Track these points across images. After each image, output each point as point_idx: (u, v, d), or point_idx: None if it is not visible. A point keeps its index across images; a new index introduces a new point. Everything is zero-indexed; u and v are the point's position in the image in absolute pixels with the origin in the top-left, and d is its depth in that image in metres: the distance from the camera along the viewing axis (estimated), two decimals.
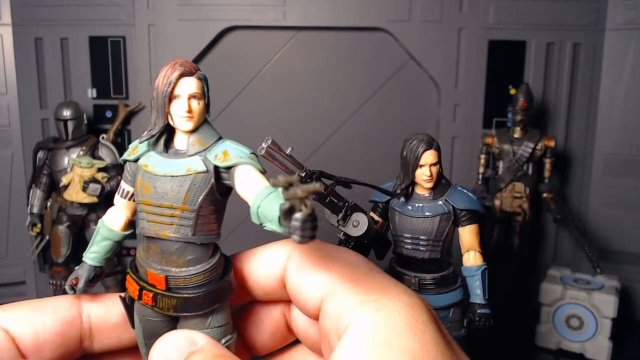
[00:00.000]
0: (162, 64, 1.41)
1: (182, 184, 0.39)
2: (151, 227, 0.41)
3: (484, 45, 1.41)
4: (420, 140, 0.75)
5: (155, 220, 0.41)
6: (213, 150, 0.42)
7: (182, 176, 0.40)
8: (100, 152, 1.37)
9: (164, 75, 0.40)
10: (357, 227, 0.54)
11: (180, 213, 0.40)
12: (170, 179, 0.40)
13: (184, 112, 0.40)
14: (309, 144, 1.48)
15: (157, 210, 0.40)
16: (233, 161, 0.41)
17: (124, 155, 0.44)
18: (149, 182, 0.40)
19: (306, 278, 0.39)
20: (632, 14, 1.39)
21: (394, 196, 0.74)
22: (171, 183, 0.40)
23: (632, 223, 1.45)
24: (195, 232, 0.40)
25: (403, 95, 1.47)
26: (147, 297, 0.40)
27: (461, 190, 0.72)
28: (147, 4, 1.39)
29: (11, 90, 1.44)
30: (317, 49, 1.46)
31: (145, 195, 0.41)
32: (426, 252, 0.73)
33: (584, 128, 1.48)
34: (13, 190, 1.47)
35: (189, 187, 0.40)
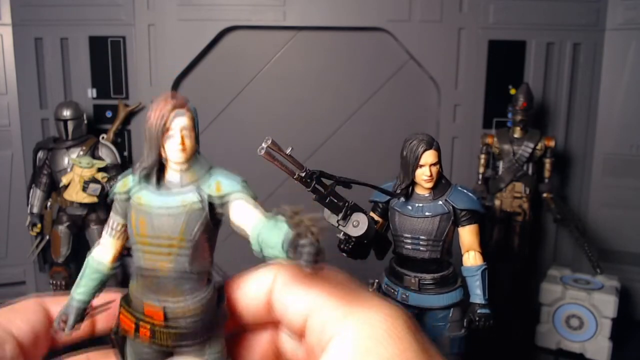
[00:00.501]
0: (162, 64, 1.42)
1: (178, 217, 0.40)
2: (148, 261, 0.41)
3: (484, 45, 1.41)
4: (420, 140, 0.75)
5: (152, 252, 0.40)
6: (206, 181, 0.42)
7: (178, 208, 0.40)
8: (100, 152, 1.37)
9: (156, 109, 0.40)
10: (357, 227, 0.54)
11: (177, 244, 0.40)
12: (165, 215, 0.40)
13: (177, 145, 0.40)
14: (309, 144, 1.48)
15: (154, 242, 0.40)
16: (226, 191, 0.41)
17: (113, 189, 0.43)
18: (143, 216, 0.40)
19: (291, 296, 0.39)
20: (632, 14, 1.39)
21: (393, 196, 0.74)
22: (167, 216, 0.40)
23: (632, 223, 1.45)
24: (192, 263, 0.40)
25: (403, 95, 1.47)
26: (145, 331, 0.40)
27: (461, 190, 0.72)
28: (147, 4, 1.39)
29: (11, 90, 1.44)
30: (317, 49, 1.46)
31: (140, 230, 0.40)
32: (426, 252, 0.73)
33: (584, 128, 1.48)
34: (13, 190, 1.47)
35: (185, 220, 0.40)
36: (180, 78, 1.45)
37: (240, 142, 1.49)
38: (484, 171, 1.40)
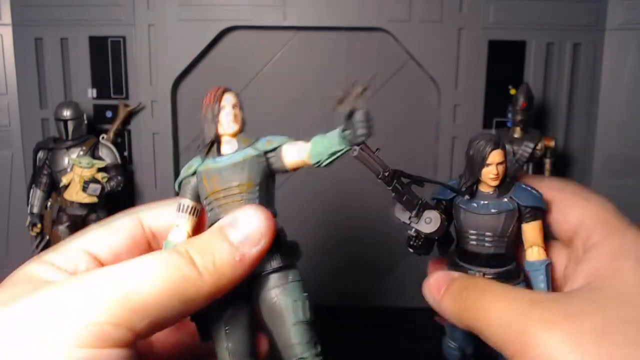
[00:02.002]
0: (162, 64, 1.42)
1: (243, 167, 0.47)
2: (223, 210, 0.46)
3: (484, 45, 1.41)
4: (487, 140, 0.78)
5: (226, 202, 0.46)
6: (257, 143, 0.50)
7: (242, 161, 0.47)
8: (100, 152, 1.38)
9: (209, 94, 0.52)
10: (430, 224, 0.55)
11: (246, 189, 0.46)
12: (232, 166, 0.47)
13: (231, 117, 0.50)
14: None
15: (226, 193, 0.46)
16: (278, 143, 0.50)
17: (181, 175, 0.50)
18: (214, 175, 0.47)
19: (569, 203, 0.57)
20: (632, 14, 1.39)
21: (459, 193, 0.74)
22: (234, 168, 0.47)
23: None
24: (263, 201, 0.47)
25: (403, 95, 1.47)
26: None
27: (525, 188, 0.72)
28: (147, 4, 1.39)
29: (11, 90, 1.44)
30: (317, 49, 1.46)
31: (213, 186, 0.47)
32: (491, 247, 0.72)
33: (584, 128, 1.48)
34: (13, 190, 1.47)
35: (249, 168, 0.47)
36: (180, 78, 1.45)
37: None
38: None
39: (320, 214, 1.46)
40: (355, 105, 0.44)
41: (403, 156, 1.50)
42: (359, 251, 1.46)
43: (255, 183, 0.47)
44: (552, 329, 0.40)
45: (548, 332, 0.40)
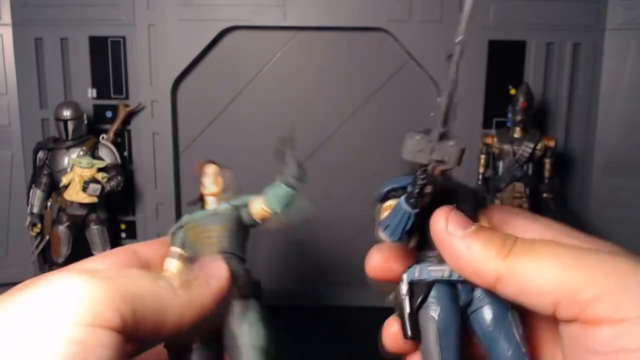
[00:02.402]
0: (162, 64, 1.42)
1: (218, 216, 0.57)
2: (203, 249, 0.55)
3: (484, 45, 1.41)
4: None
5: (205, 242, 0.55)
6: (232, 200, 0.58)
7: (215, 213, 0.57)
8: (100, 152, 1.38)
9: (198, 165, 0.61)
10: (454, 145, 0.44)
11: (218, 233, 0.55)
12: (210, 217, 0.57)
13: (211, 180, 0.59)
14: (309, 144, 1.49)
15: (204, 234, 0.55)
16: (245, 198, 0.58)
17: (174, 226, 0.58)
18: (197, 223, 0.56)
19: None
20: (632, 14, 1.39)
21: None
22: (212, 217, 0.57)
23: (632, 223, 1.45)
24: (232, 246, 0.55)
25: (403, 95, 1.47)
26: None
27: None
28: (147, 4, 1.39)
29: (11, 90, 1.44)
30: (317, 49, 1.46)
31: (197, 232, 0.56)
32: None
33: (584, 128, 1.48)
34: (13, 190, 1.47)
35: (221, 218, 0.56)
36: (180, 78, 1.45)
37: (240, 142, 1.49)
38: (484, 171, 1.40)
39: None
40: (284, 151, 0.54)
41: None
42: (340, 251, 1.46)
43: (226, 229, 0.56)
44: None
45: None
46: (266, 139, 1.47)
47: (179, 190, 1.51)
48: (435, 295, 0.46)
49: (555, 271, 0.38)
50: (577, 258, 0.38)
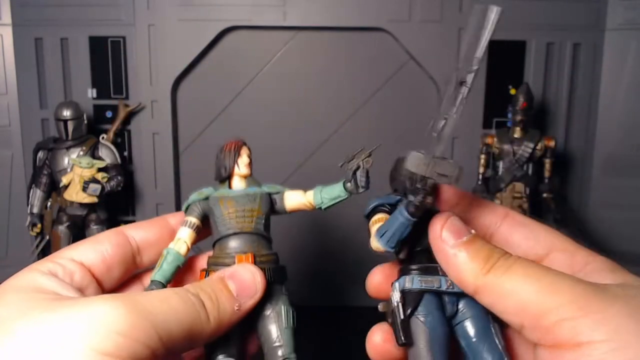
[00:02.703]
0: (162, 64, 1.41)
1: (255, 198, 0.59)
2: (236, 225, 0.57)
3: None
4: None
5: (238, 220, 0.57)
6: (263, 186, 0.61)
7: (253, 194, 0.59)
8: (100, 152, 1.38)
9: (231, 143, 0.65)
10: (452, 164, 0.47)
11: (256, 215, 0.57)
12: (246, 196, 0.59)
13: (246, 163, 0.62)
14: (309, 144, 1.49)
15: (238, 214, 0.57)
16: (280, 189, 0.61)
17: (191, 198, 0.59)
18: (230, 200, 0.58)
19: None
20: (632, 14, 1.39)
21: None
22: (247, 198, 0.59)
23: (632, 223, 1.45)
24: (264, 227, 0.58)
25: (403, 95, 1.47)
26: None
27: None
28: (147, 4, 1.39)
29: (11, 90, 1.44)
30: (317, 49, 1.46)
31: (229, 207, 0.57)
32: None
33: (584, 128, 1.48)
34: (13, 190, 1.47)
35: (260, 200, 0.58)
36: (180, 78, 1.45)
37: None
38: (484, 171, 1.40)
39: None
40: (360, 164, 0.56)
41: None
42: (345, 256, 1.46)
43: (263, 212, 0.58)
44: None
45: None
46: (266, 139, 1.48)
47: (179, 190, 1.51)
48: (425, 304, 0.48)
49: (524, 294, 0.40)
50: (548, 283, 0.40)
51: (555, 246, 0.49)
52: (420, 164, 0.46)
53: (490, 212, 0.53)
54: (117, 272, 0.54)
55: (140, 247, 0.57)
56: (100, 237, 0.56)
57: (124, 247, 0.55)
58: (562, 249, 0.49)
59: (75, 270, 0.51)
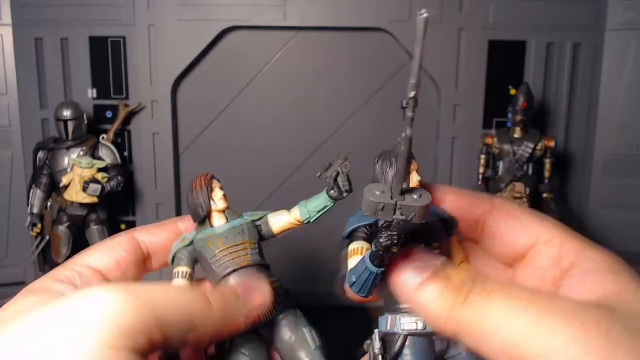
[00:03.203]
0: (162, 64, 1.41)
1: (243, 230, 0.57)
2: (233, 262, 0.55)
3: (484, 45, 1.41)
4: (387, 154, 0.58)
5: (233, 256, 0.55)
6: (244, 215, 0.59)
7: (239, 226, 0.57)
8: (100, 152, 1.38)
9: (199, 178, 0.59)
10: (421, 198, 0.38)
11: (249, 246, 0.56)
12: (232, 230, 0.57)
13: (220, 196, 0.58)
14: (308, 144, 1.49)
15: (233, 249, 0.55)
16: (261, 215, 0.59)
17: (174, 248, 0.57)
18: (218, 237, 0.56)
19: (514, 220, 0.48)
20: (632, 14, 1.39)
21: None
22: (234, 231, 0.57)
23: (632, 223, 1.45)
24: (261, 257, 0.57)
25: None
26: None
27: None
28: (147, 4, 1.39)
29: (11, 90, 1.44)
30: (317, 49, 1.46)
31: (220, 246, 0.56)
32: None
33: (584, 128, 1.48)
34: (13, 190, 1.47)
35: (248, 231, 0.57)
36: (180, 78, 1.45)
37: (240, 142, 1.49)
38: (484, 171, 1.40)
39: None
40: (339, 170, 0.56)
41: None
42: None
43: (255, 241, 0.57)
44: None
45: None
46: (266, 139, 1.48)
47: (179, 190, 1.51)
48: (410, 346, 0.45)
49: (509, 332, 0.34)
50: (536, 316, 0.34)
51: (542, 236, 0.45)
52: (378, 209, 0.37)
53: (478, 203, 0.50)
54: (130, 277, 0.55)
55: (150, 251, 0.57)
56: (113, 243, 0.56)
57: (136, 253, 0.56)
58: (548, 239, 0.45)
59: (92, 278, 0.51)
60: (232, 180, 0.64)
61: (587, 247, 0.43)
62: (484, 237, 0.50)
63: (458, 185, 1.49)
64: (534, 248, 0.46)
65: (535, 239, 0.46)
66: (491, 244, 0.50)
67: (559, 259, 0.43)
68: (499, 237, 0.48)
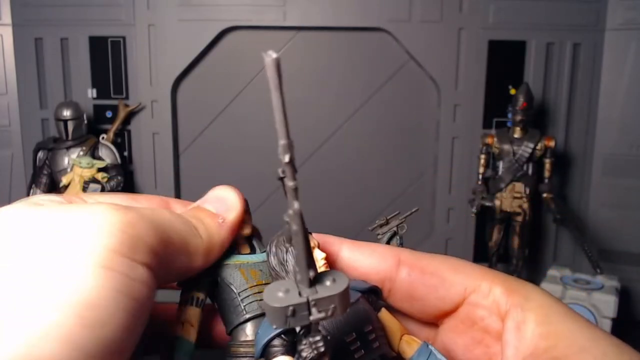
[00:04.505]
0: (162, 64, 1.41)
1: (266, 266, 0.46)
2: (259, 305, 0.44)
3: (484, 45, 1.41)
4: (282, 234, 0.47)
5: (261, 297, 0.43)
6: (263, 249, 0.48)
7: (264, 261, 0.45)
8: (100, 152, 1.38)
9: None
10: (336, 283, 0.30)
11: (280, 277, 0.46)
12: (263, 262, 0.45)
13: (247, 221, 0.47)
14: (308, 144, 1.49)
15: (263, 287, 0.44)
16: None
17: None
18: (252, 268, 0.46)
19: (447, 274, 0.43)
20: (632, 14, 1.39)
21: None
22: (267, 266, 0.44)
23: (632, 223, 1.45)
24: None
25: (403, 96, 1.47)
26: None
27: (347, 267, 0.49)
28: (147, 4, 1.40)
29: (11, 90, 1.44)
30: (317, 49, 1.46)
31: (253, 279, 0.45)
32: (380, 345, 0.42)
33: (584, 128, 1.48)
34: (13, 190, 1.47)
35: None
36: (180, 78, 1.45)
37: (240, 142, 1.49)
38: (484, 171, 1.40)
39: None
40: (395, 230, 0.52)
41: (403, 156, 1.50)
42: None
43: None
44: None
45: None
46: (266, 139, 1.48)
47: (179, 190, 1.51)
48: None
49: None
50: None
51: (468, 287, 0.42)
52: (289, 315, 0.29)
53: (382, 259, 0.44)
54: None
55: None
56: (140, 196, 0.49)
57: None
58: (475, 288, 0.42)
59: None
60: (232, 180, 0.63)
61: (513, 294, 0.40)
62: (395, 299, 0.44)
63: (458, 185, 1.49)
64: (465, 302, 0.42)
65: (462, 292, 0.42)
66: (409, 307, 0.45)
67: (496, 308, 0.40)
68: (419, 299, 0.43)
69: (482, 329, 0.42)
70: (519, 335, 0.39)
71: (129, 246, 0.34)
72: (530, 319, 0.38)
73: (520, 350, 0.38)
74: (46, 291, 0.31)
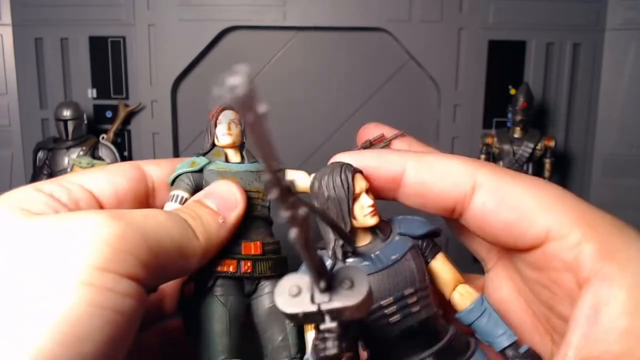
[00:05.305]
0: (162, 64, 1.42)
1: (259, 176, 0.52)
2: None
3: (484, 45, 1.41)
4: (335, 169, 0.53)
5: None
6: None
7: (257, 172, 0.52)
8: (100, 152, 1.38)
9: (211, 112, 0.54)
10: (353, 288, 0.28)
11: (262, 196, 0.52)
12: (249, 173, 0.51)
13: (224, 131, 0.52)
14: (308, 144, 1.49)
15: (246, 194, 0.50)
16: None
17: (181, 169, 0.50)
18: (232, 175, 0.51)
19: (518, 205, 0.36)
20: (632, 14, 1.39)
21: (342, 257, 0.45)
22: (250, 175, 0.51)
23: (632, 223, 1.44)
24: (269, 211, 0.53)
25: (403, 96, 1.47)
26: (247, 265, 0.49)
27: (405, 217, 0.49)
28: (147, 4, 1.40)
29: (11, 90, 1.44)
30: (317, 49, 1.46)
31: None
32: (420, 310, 0.43)
33: (584, 128, 1.48)
34: None
35: (262, 179, 0.51)
36: (180, 78, 1.45)
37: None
38: None
39: None
40: None
41: None
42: None
43: (267, 197, 0.52)
44: None
45: None
46: None
47: None
48: None
49: None
50: None
51: (552, 231, 0.35)
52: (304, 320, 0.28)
53: (454, 183, 0.41)
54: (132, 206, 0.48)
55: (156, 186, 0.51)
56: (114, 168, 0.49)
57: (139, 184, 0.49)
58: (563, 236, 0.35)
59: (82, 198, 0.45)
60: None
61: (606, 259, 0.32)
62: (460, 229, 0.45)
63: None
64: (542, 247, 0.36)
65: (542, 236, 0.35)
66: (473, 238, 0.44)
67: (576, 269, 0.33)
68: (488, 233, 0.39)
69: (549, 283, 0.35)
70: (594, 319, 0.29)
71: (115, 261, 0.34)
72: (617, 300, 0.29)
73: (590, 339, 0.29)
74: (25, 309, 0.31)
